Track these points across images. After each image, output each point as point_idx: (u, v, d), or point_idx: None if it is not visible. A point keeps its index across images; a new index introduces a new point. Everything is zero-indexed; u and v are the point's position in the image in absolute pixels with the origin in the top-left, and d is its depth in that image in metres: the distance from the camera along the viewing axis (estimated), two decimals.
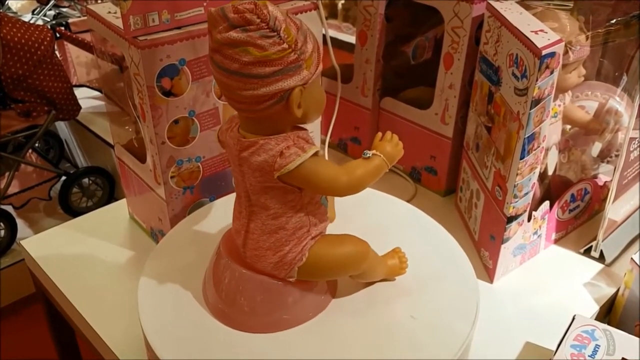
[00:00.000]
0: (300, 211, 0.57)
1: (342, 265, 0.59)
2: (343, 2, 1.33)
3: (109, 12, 0.71)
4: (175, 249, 0.70)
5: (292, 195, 0.55)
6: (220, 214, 0.75)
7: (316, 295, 0.61)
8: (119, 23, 0.67)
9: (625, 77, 0.84)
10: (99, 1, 1.89)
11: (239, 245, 0.59)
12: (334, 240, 0.59)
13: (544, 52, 0.62)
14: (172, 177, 0.74)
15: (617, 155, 0.85)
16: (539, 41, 0.64)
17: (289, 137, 0.53)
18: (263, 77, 0.49)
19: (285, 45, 0.49)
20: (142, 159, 0.78)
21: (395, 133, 0.61)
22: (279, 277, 0.58)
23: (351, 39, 1.00)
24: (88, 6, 0.75)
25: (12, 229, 1.61)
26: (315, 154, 0.53)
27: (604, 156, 0.89)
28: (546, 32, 0.66)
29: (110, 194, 1.80)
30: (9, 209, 1.63)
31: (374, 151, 0.57)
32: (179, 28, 0.67)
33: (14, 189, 1.65)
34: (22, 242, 0.86)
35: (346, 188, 0.55)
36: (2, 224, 1.59)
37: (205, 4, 0.68)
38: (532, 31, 0.66)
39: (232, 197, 0.63)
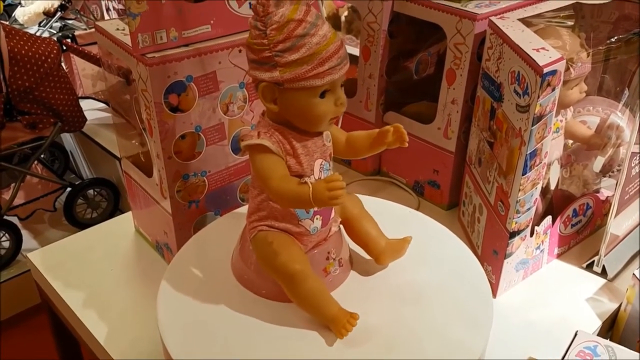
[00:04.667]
0: (264, 194, 0.61)
1: (268, 265, 0.61)
2: (346, 14, 1.35)
3: (117, 29, 0.73)
4: (192, 263, 0.70)
5: None
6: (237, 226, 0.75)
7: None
8: (127, 40, 0.68)
9: (626, 92, 0.85)
10: (106, 15, 1.91)
11: None
12: (279, 244, 0.61)
13: (545, 70, 0.63)
14: (178, 191, 0.74)
15: (619, 170, 0.86)
16: (541, 59, 0.65)
17: (268, 124, 0.59)
18: (249, 60, 0.58)
19: (264, 41, 0.55)
20: (148, 173, 0.79)
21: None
22: None
23: (354, 51, 1.02)
24: (97, 23, 0.76)
25: (17, 240, 1.62)
26: (266, 149, 0.58)
27: (606, 171, 0.90)
28: (548, 50, 0.67)
29: (115, 206, 1.80)
30: (15, 220, 1.64)
31: (310, 182, 0.57)
32: (186, 45, 0.68)
33: (19, 200, 1.66)
34: (29, 255, 0.87)
35: (272, 192, 0.59)
36: (7, 235, 1.60)
37: (212, 21, 0.69)
38: (533, 49, 0.67)
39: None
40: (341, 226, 0.69)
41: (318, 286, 0.60)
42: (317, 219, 0.63)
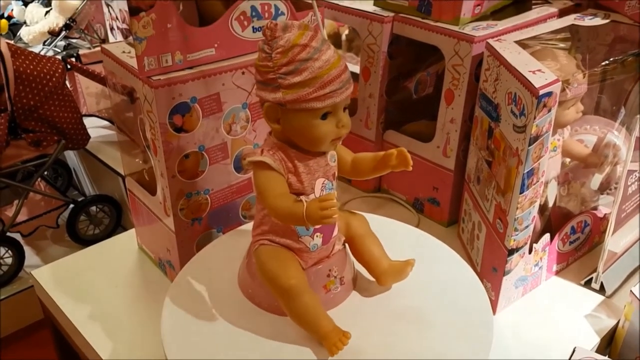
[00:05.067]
0: (265, 210, 0.63)
1: (266, 278, 0.63)
2: (347, 33, 1.37)
3: (123, 52, 0.74)
4: (195, 280, 0.71)
5: None
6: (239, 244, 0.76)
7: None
8: (133, 62, 0.70)
9: (623, 111, 0.86)
10: (110, 34, 1.94)
11: None
12: (277, 259, 0.63)
13: (541, 92, 0.65)
14: (181, 209, 0.76)
15: (616, 188, 0.87)
16: (537, 81, 0.66)
17: (272, 143, 0.61)
18: (256, 80, 0.61)
19: (269, 64, 0.57)
20: (152, 191, 0.80)
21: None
22: None
23: (355, 69, 1.04)
24: (103, 45, 0.78)
25: (20, 256, 1.63)
26: (267, 166, 0.60)
27: (603, 188, 0.91)
28: (543, 72, 0.68)
29: (117, 222, 1.81)
30: (17, 236, 1.64)
31: (306, 200, 0.59)
32: (190, 68, 0.69)
33: (22, 216, 1.66)
34: (33, 272, 0.88)
35: (269, 208, 0.61)
36: (10, 251, 1.61)
37: (216, 45, 0.71)
38: (529, 71, 0.69)
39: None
40: (347, 245, 0.70)
41: (312, 302, 0.61)
42: (317, 236, 0.64)
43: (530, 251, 0.79)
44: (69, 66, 1.66)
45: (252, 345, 0.62)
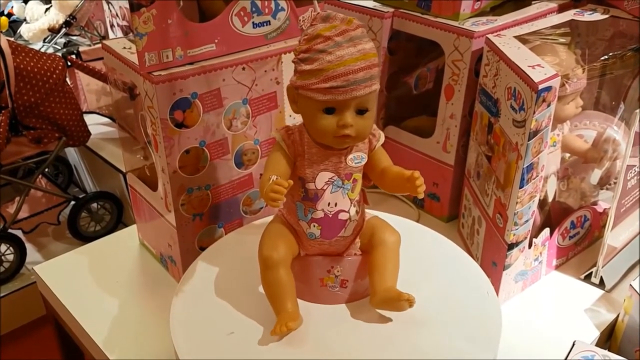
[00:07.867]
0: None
1: (259, 244, 0.65)
2: None
3: (124, 48, 0.75)
4: (203, 279, 0.70)
5: None
6: (244, 242, 0.76)
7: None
8: (133, 58, 0.70)
9: (622, 106, 0.87)
10: (110, 31, 1.94)
11: None
12: (274, 231, 0.65)
13: (540, 87, 0.65)
14: (182, 205, 0.76)
15: (616, 183, 0.87)
16: (536, 76, 0.66)
17: (299, 125, 0.64)
18: None
19: (297, 48, 0.61)
20: (153, 186, 0.80)
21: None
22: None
23: None
24: (104, 41, 0.79)
25: (21, 253, 1.63)
26: (277, 144, 0.64)
27: (603, 183, 0.91)
28: (543, 67, 0.69)
29: (118, 219, 1.82)
30: (19, 233, 1.65)
31: (275, 180, 0.59)
32: (191, 63, 0.70)
33: (23, 213, 1.68)
34: (35, 268, 0.88)
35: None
36: (12, 248, 1.62)
37: (216, 40, 0.71)
38: (529, 66, 0.69)
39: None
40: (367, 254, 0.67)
41: (286, 280, 0.62)
42: (313, 225, 0.64)
43: (530, 246, 0.79)
44: (69, 63, 1.66)
45: (261, 333, 0.62)
